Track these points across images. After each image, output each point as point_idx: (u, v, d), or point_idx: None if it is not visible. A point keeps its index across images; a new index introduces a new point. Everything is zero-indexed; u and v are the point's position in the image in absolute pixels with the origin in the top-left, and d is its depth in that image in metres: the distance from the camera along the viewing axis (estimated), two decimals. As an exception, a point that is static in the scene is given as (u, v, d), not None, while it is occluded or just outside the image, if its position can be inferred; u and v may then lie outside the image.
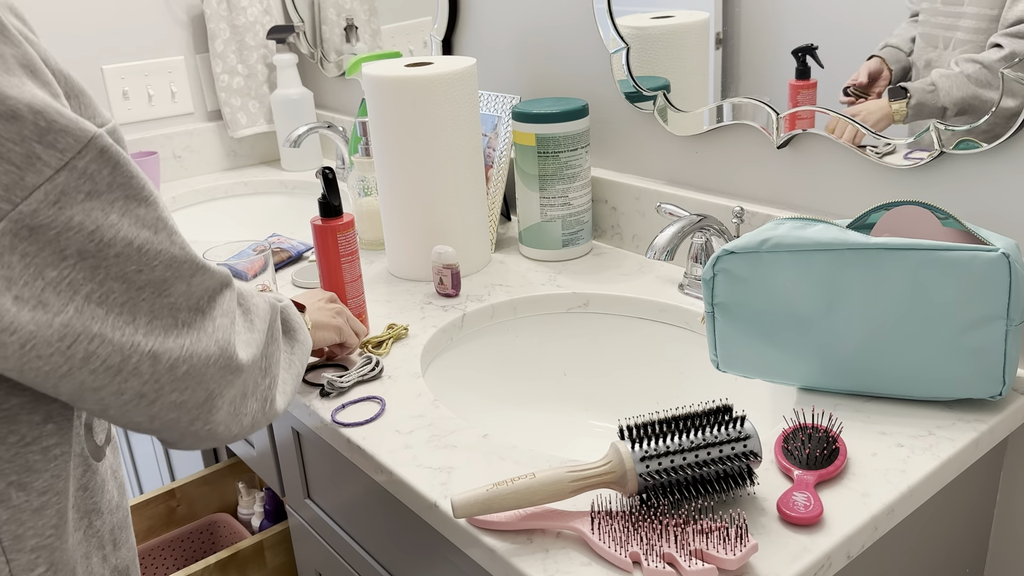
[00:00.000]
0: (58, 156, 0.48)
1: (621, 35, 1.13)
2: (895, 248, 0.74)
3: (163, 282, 0.54)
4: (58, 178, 0.48)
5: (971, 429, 0.75)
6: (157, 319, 0.54)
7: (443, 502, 0.70)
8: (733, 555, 0.59)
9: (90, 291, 0.51)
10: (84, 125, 0.49)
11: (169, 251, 0.54)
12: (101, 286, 0.51)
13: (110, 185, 0.51)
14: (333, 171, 0.95)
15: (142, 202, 0.53)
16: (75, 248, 0.50)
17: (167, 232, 0.55)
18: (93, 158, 0.50)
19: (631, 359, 1.06)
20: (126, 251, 0.52)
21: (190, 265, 0.56)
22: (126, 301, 0.53)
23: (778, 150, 1.01)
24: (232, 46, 1.74)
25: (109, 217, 0.51)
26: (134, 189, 0.52)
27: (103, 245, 0.51)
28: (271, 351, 0.67)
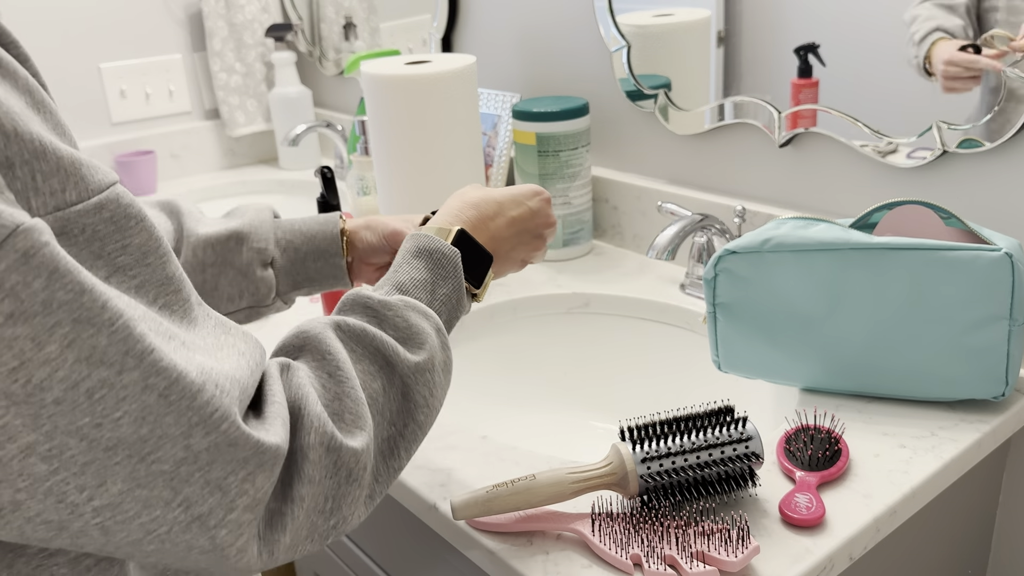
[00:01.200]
0: None
1: (622, 33, 1.12)
2: (898, 248, 0.73)
3: (140, 443, 0.39)
4: None
5: (974, 430, 0.74)
6: (139, 488, 0.40)
7: (442, 504, 0.70)
8: (735, 557, 0.59)
9: (32, 443, 0.37)
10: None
11: (141, 399, 0.39)
12: (49, 439, 0.37)
13: (46, 304, 0.36)
14: (332, 170, 0.95)
15: (101, 328, 0.37)
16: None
17: (141, 371, 0.38)
18: (12, 265, 0.35)
19: (632, 360, 1.05)
20: (70, 398, 0.37)
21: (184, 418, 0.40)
22: (90, 463, 0.38)
23: (780, 149, 1.01)
24: (230, 44, 1.74)
25: (45, 349, 0.36)
26: (86, 309, 0.37)
27: (34, 388, 0.36)
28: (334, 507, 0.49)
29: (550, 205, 0.73)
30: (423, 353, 0.55)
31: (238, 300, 0.75)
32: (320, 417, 0.48)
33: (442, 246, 0.62)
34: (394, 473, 0.54)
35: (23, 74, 0.40)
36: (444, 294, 0.61)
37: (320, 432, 0.47)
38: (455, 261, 0.62)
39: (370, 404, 0.53)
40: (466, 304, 0.64)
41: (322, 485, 0.47)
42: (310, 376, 0.51)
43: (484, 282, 0.66)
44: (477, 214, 0.67)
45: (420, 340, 0.56)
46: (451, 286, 0.62)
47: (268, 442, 0.44)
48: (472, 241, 0.65)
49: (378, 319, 0.56)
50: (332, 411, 0.50)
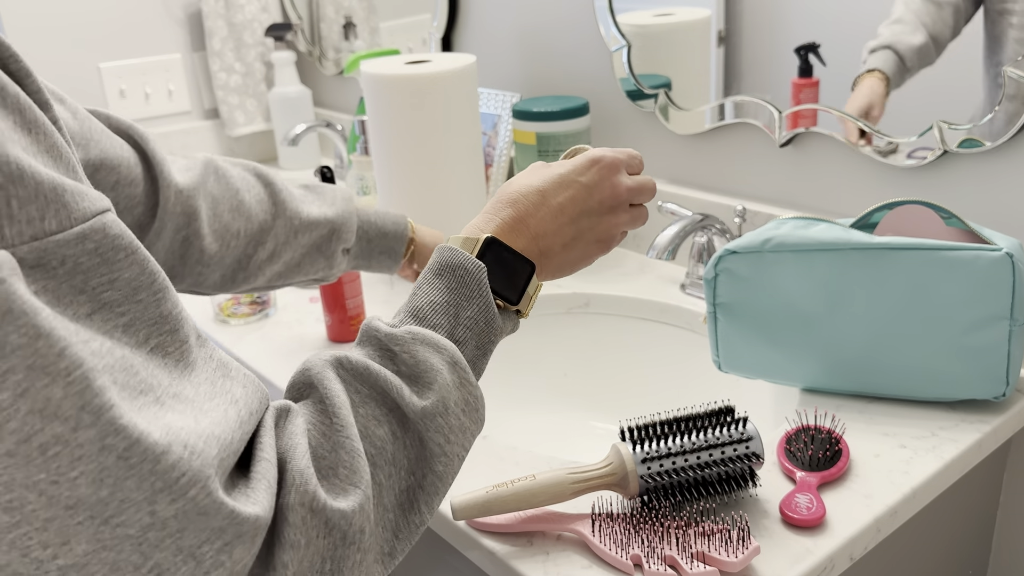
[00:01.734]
0: None
1: (622, 33, 1.12)
2: (898, 248, 0.73)
3: (101, 504, 0.35)
4: None
5: (974, 430, 0.74)
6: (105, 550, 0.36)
7: (442, 504, 0.70)
8: (735, 557, 0.59)
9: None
10: None
11: (98, 460, 0.35)
12: (8, 491, 0.34)
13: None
14: (331, 170, 0.95)
15: (57, 378, 0.34)
16: None
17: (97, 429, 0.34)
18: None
19: (632, 360, 1.05)
20: (23, 451, 0.34)
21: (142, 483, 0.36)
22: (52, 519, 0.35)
23: (780, 149, 1.00)
24: (230, 44, 1.74)
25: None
26: (39, 355, 0.33)
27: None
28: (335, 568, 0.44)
29: (616, 171, 0.60)
30: (431, 395, 0.49)
31: (312, 274, 0.83)
32: (303, 474, 0.43)
33: (466, 260, 0.54)
34: (416, 528, 0.49)
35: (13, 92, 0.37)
36: (469, 317, 0.54)
37: (301, 491, 0.42)
38: (479, 277, 0.54)
39: (375, 455, 0.47)
40: (503, 324, 0.56)
41: (311, 548, 0.43)
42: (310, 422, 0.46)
43: (527, 294, 0.57)
44: (514, 213, 0.57)
45: (428, 379, 0.49)
46: (477, 307, 0.54)
47: (245, 513, 0.39)
48: (505, 249, 0.56)
49: (385, 354, 0.50)
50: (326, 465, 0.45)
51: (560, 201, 0.58)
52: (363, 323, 0.53)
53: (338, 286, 0.97)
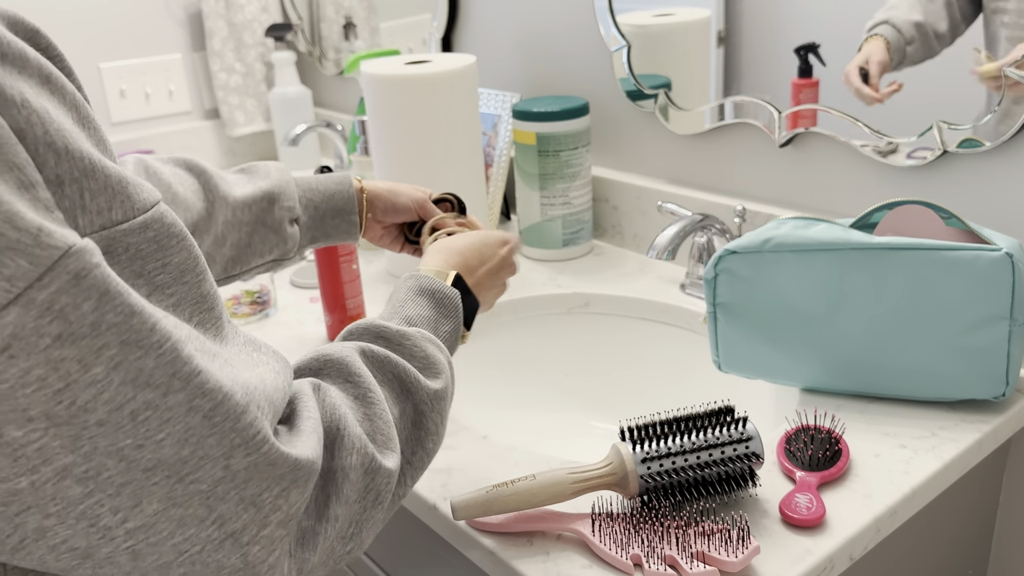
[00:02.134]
0: (3, 287, 0.33)
1: (622, 33, 1.12)
2: (898, 248, 0.73)
3: (181, 463, 0.39)
4: (7, 316, 0.34)
5: (974, 430, 0.74)
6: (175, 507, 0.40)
7: (443, 504, 0.70)
8: (735, 557, 0.59)
9: (69, 465, 0.37)
10: (51, 239, 0.34)
11: (185, 421, 0.39)
12: (87, 460, 0.37)
13: (95, 326, 0.36)
14: (332, 170, 0.95)
15: (149, 350, 0.37)
16: (40, 410, 0.35)
17: (186, 393, 0.39)
18: (63, 288, 0.35)
19: (632, 360, 1.05)
20: (114, 419, 0.37)
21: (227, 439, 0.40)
22: (127, 483, 0.38)
23: (780, 149, 1.00)
24: (230, 44, 1.74)
25: (91, 371, 0.36)
26: (133, 331, 0.37)
27: (77, 409, 0.36)
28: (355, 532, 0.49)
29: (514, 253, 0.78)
30: (440, 381, 0.57)
31: (267, 254, 0.81)
32: (361, 438, 0.49)
33: (443, 287, 0.65)
34: (398, 500, 0.54)
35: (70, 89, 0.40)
36: (446, 332, 0.64)
37: (361, 453, 0.48)
38: (456, 302, 0.65)
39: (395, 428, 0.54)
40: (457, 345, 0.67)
41: (358, 505, 0.48)
42: (343, 395, 0.52)
43: (471, 325, 0.70)
44: (463, 260, 0.71)
45: (437, 369, 0.58)
46: (452, 325, 0.65)
47: (303, 457, 0.44)
48: (465, 286, 0.68)
49: (398, 348, 0.58)
50: (366, 432, 0.50)
51: (491, 265, 0.74)
52: (366, 322, 0.59)
53: (338, 286, 0.97)
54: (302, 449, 0.44)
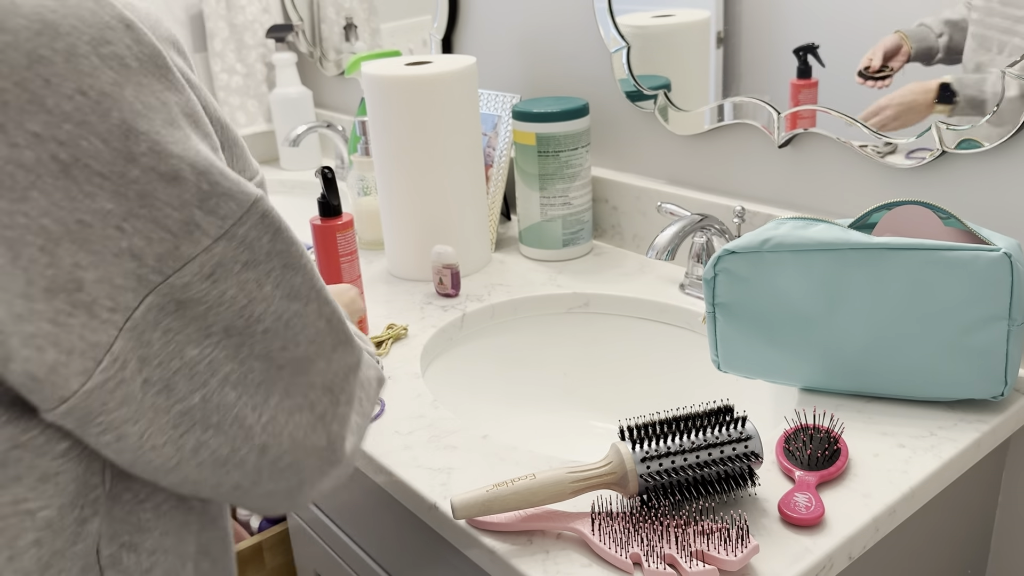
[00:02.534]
0: (218, 224, 0.43)
1: (622, 34, 1.12)
2: (897, 248, 0.74)
3: (306, 360, 0.49)
4: (216, 248, 0.43)
5: (973, 430, 0.75)
6: (288, 398, 0.48)
7: (443, 503, 0.70)
8: (734, 556, 0.59)
9: (228, 372, 0.45)
10: (246, 188, 0.44)
11: (316, 324, 0.49)
12: (241, 365, 0.46)
13: (268, 254, 0.45)
14: (332, 170, 0.95)
15: (299, 270, 0.47)
16: (222, 325, 0.44)
17: (318, 303, 0.49)
18: (254, 224, 0.44)
19: (632, 359, 1.05)
20: (275, 327, 0.46)
21: (335, 338, 0.51)
22: (263, 381, 0.47)
23: (779, 149, 1.01)
24: (231, 45, 1.74)
25: (264, 289, 0.45)
26: (292, 256, 0.47)
27: (252, 321, 0.45)
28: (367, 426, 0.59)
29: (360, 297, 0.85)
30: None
31: None
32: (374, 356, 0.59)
33: None
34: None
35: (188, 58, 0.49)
36: None
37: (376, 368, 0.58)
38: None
39: None
40: None
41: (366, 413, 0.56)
42: None
43: None
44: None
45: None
46: None
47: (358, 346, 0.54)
48: None
49: None
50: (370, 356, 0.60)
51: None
52: None
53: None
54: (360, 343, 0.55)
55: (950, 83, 0.81)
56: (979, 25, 0.78)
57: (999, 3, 0.77)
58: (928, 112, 0.84)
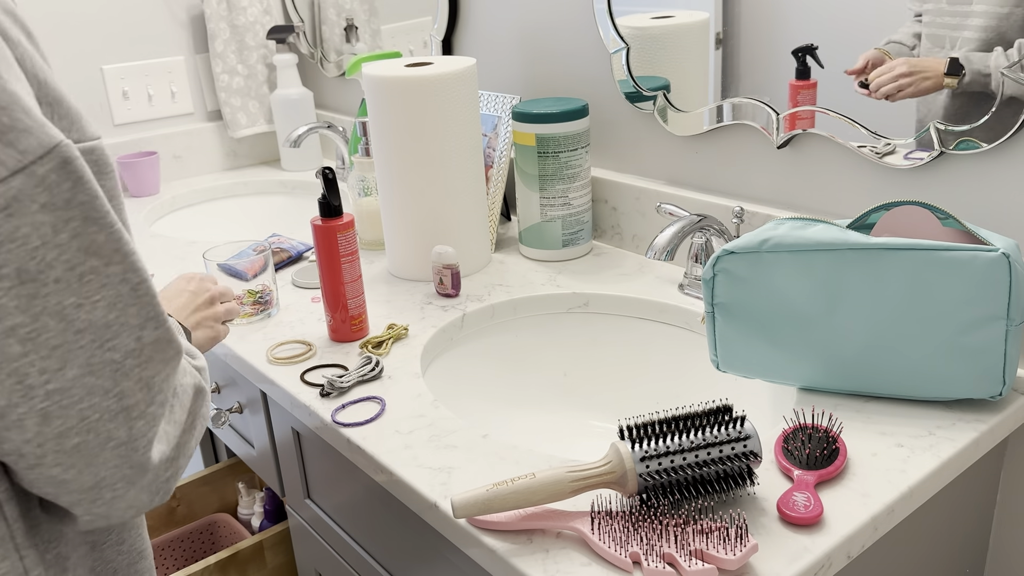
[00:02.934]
0: (16, 157, 0.43)
1: (621, 35, 1.13)
2: (895, 248, 0.74)
3: (106, 327, 0.48)
4: (13, 181, 0.43)
5: (971, 429, 0.75)
6: (91, 375, 0.48)
7: (443, 502, 0.70)
8: (733, 555, 0.59)
9: (16, 324, 0.45)
10: (50, 131, 0.45)
11: (117, 288, 0.48)
12: (34, 321, 0.45)
13: (68, 202, 0.45)
14: (333, 171, 0.95)
15: (103, 227, 0.47)
16: (15, 266, 0.44)
17: (123, 266, 0.48)
18: (55, 168, 0.45)
19: (631, 359, 1.06)
20: (67, 277, 0.46)
21: (142, 311, 0.50)
22: (59, 345, 0.46)
23: (778, 150, 1.01)
24: (232, 46, 1.74)
25: (59, 235, 0.45)
26: (96, 211, 0.47)
27: (44, 265, 0.45)
28: (185, 441, 0.56)
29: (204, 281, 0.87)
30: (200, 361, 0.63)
31: None
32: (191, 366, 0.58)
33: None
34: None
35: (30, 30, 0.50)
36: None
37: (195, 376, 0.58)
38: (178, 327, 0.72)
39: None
40: None
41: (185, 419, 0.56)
42: None
43: None
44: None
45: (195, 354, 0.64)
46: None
47: (182, 342, 0.54)
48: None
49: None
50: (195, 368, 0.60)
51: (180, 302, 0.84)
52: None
53: (339, 286, 0.97)
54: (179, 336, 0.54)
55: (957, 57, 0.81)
56: (931, 26, 0.80)
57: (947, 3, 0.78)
58: (939, 83, 0.83)
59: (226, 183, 1.74)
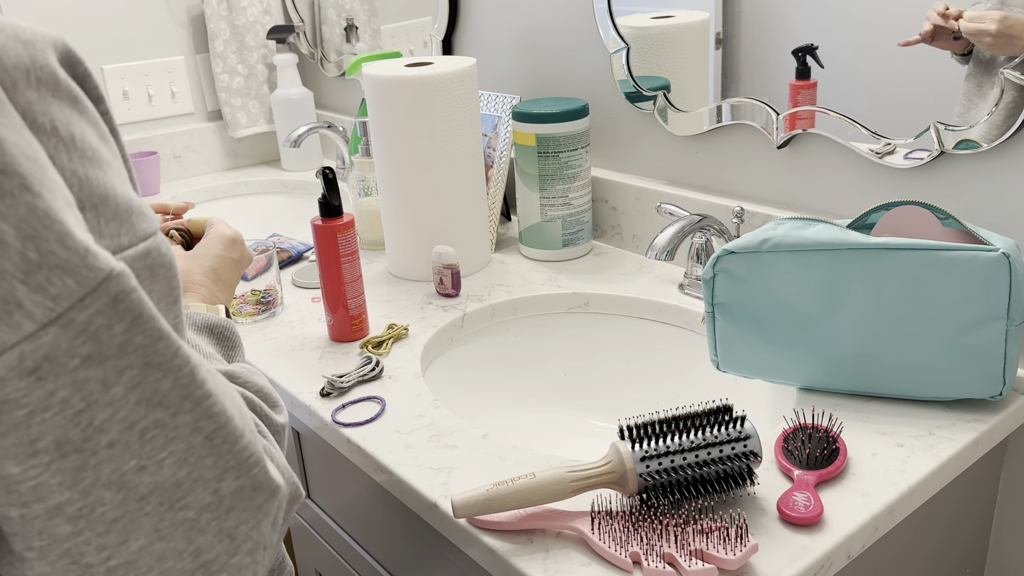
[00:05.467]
0: (48, 305, 0.34)
1: (621, 35, 1.13)
2: (895, 248, 0.74)
3: (176, 487, 0.39)
4: (44, 336, 0.34)
5: (971, 429, 0.75)
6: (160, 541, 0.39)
7: (443, 502, 0.70)
8: (733, 555, 0.59)
9: (62, 503, 0.36)
10: (95, 260, 0.35)
11: (188, 440, 0.39)
12: (85, 496, 0.36)
13: (122, 348, 0.36)
14: (333, 171, 0.95)
15: (168, 372, 0.38)
16: (52, 437, 0.35)
17: (194, 415, 0.39)
18: (101, 309, 0.35)
19: (631, 359, 1.06)
20: (124, 439, 0.37)
21: (219, 460, 0.40)
22: (119, 518, 0.38)
23: (778, 150, 1.01)
24: (232, 46, 1.74)
25: (111, 391, 0.36)
26: (158, 354, 0.37)
27: (93, 431, 0.36)
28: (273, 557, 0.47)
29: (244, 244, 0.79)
30: (283, 415, 0.55)
31: None
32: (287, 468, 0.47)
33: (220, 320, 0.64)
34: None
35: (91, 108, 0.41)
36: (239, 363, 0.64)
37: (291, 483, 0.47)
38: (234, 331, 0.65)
39: None
40: None
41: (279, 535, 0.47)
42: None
43: None
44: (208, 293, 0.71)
45: (275, 400, 0.55)
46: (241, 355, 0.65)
47: (279, 482, 0.44)
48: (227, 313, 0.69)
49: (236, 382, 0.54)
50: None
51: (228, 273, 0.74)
52: None
53: (339, 286, 0.97)
54: (275, 473, 0.44)
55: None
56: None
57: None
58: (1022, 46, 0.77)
59: (226, 183, 1.74)
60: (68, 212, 0.35)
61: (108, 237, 0.39)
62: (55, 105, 0.38)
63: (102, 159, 0.40)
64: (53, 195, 0.35)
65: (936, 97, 0.84)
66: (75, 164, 0.38)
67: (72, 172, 0.37)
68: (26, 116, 0.36)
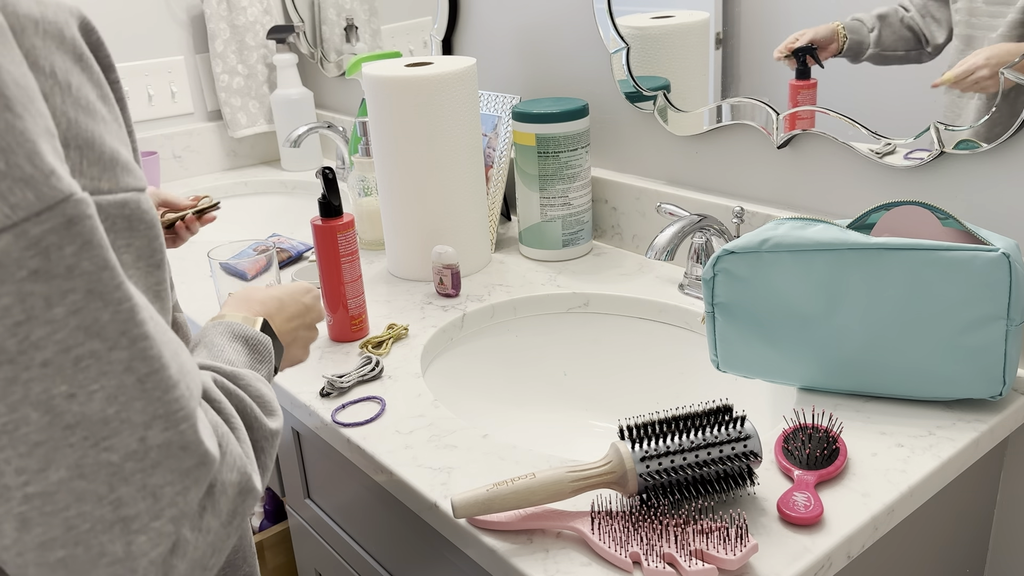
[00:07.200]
0: (5, 212, 0.36)
1: (621, 35, 1.13)
2: (895, 248, 0.74)
3: (103, 423, 0.39)
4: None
5: (971, 429, 0.75)
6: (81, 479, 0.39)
7: (443, 502, 0.70)
8: (733, 555, 0.59)
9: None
10: (57, 182, 0.37)
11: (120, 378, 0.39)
12: (12, 411, 0.37)
13: (70, 270, 0.37)
14: (333, 171, 0.95)
15: (108, 304, 0.39)
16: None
17: (130, 352, 0.39)
18: (55, 228, 0.37)
19: (631, 359, 1.06)
20: (59, 362, 0.38)
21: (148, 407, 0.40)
22: (43, 442, 0.38)
23: (778, 150, 1.01)
24: (232, 46, 1.74)
25: (52, 310, 0.37)
26: (103, 284, 0.38)
27: (28, 345, 0.37)
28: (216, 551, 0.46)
29: (320, 300, 0.78)
30: (277, 421, 0.55)
31: None
32: (241, 458, 0.47)
33: (256, 332, 0.63)
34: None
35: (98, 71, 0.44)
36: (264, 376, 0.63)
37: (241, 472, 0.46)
38: (268, 346, 0.64)
39: None
40: None
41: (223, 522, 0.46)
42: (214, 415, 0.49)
43: (279, 370, 0.69)
44: (264, 310, 0.69)
45: (273, 408, 0.55)
46: (267, 370, 0.63)
47: (211, 451, 0.43)
48: (272, 332, 0.67)
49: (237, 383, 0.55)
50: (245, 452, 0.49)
51: (292, 311, 0.72)
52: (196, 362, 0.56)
53: (339, 286, 0.97)
54: (209, 442, 0.43)
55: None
56: (964, 26, 0.79)
57: (983, 3, 0.78)
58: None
59: (226, 183, 1.74)
60: (45, 138, 0.38)
61: (88, 178, 0.41)
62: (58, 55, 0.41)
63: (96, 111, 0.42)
64: (34, 120, 0.38)
65: (936, 97, 0.84)
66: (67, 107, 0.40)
67: (63, 112, 0.40)
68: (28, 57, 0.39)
